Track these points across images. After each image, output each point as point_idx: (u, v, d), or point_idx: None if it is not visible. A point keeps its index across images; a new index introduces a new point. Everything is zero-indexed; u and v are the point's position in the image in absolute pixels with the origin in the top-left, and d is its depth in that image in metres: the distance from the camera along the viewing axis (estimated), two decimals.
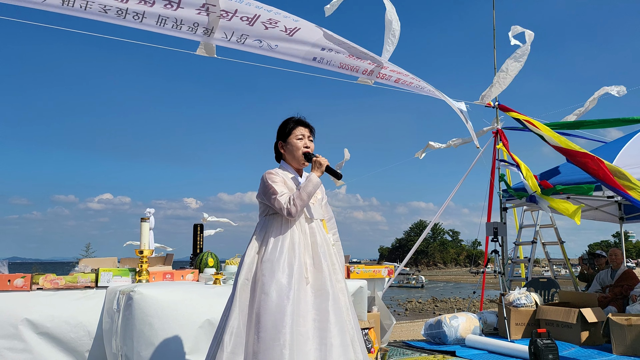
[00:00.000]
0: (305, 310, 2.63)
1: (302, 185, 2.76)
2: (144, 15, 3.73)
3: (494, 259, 6.96)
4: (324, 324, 2.62)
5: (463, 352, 5.46)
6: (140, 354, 3.51)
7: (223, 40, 4.12)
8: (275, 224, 2.79)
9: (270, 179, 2.80)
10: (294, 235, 2.76)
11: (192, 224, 5.72)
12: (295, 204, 2.70)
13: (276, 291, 2.58)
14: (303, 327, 2.59)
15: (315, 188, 2.76)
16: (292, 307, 2.57)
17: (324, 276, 2.72)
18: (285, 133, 2.93)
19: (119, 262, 4.82)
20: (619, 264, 7.25)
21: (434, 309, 25.84)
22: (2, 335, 3.62)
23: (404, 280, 50.46)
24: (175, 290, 3.79)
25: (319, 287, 2.70)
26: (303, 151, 2.89)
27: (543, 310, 6.10)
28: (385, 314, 5.57)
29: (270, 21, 3.99)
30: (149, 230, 5.58)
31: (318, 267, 2.74)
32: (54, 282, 3.91)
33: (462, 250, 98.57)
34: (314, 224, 2.85)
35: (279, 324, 2.52)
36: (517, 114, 7.33)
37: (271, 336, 2.50)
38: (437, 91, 5.20)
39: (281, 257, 2.67)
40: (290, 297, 2.58)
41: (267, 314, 2.55)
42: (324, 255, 2.77)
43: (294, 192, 2.75)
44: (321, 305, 2.66)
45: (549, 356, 4.63)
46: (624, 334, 5.19)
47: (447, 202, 8.58)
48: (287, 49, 4.33)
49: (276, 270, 2.63)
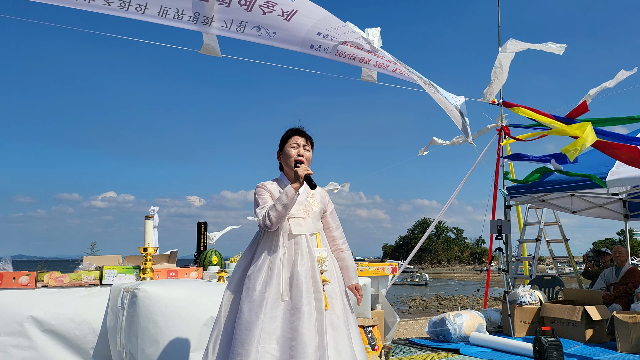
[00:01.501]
0: (275, 328, 2.62)
1: (278, 197, 2.73)
2: (147, 6, 3.73)
3: (498, 257, 6.94)
4: (294, 342, 2.58)
5: (467, 349, 5.45)
6: (145, 351, 3.52)
7: (223, 30, 4.13)
8: (264, 238, 2.84)
9: (257, 192, 2.88)
10: (277, 251, 2.76)
11: (196, 222, 5.73)
12: (269, 215, 2.70)
13: (248, 308, 2.65)
14: (269, 344, 2.58)
15: (290, 200, 2.70)
16: (262, 325, 2.59)
17: (299, 294, 2.66)
18: (282, 143, 2.98)
19: (123, 259, 4.84)
20: (623, 261, 7.23)
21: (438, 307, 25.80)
22: (8, 333, 3.64)
23: (407, 278, 50.42)
24: (180, 287, 3.80)
25: (294, 305, 2.65)
26: (295, 159, 2.87)
27: (547, 308, 6.09)
28: (389, 312, 5.57)
29: (267, 4, 3.98)
30: (153, 228, 5.59)
31: (296, 284, 2.68)
32: (59, 279, 3.92)
33: (466, 248, 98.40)
34: (301, 239, 2.79)
35: (246, 339, 2.57)
36: (522, 108, 7.28)
37: (237, 352, 2.57)
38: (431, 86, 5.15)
39: (259, 274, 2.72)
40: (259, 315, 2.60)
41: (238, 328, 2.64)
42: (305, 273, 2.71)
43: (269, 205, 2.76)
44: (293, 323, 2.62)
45: (553, 354, 4.62)
46: (628, 331, 5.17)
47: (451, 199, 8.57)
48: (285, 36, 4.33)
49: (252, 286, 2.70)
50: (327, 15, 4.18)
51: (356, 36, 4.45)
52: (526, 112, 7.08)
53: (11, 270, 3.89)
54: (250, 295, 2.68)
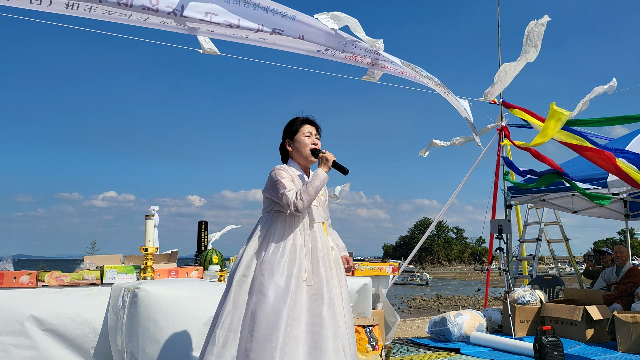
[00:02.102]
0: (300, 313, 2.64)
1: (310, 181, 2.76)
2: (148, 19, 3.76)
3: (499, 257, 6.94)
4: (317, 328, 2.63)
5: (467, 349, 5.45)
6: (145, 351, 3.52)
7: (227, 36, 4.14)
8: (278, 223, 2.79)
9: (279, 174, 2.80)
10: (296, 237, 2.76)
11: (196, 222, 5.73)
12: (302, 198, 2.70)
13: (274, 293, 2.60)
14: (296, 330, 2.60)
15: (322, 183, 2.77)
16: (288, 310, 2.58)
17: (321, 280, 2.72)
18: (293, 131, 2.94)
19: (124, 259, 4.84)
20: (624, 261, 7.23)
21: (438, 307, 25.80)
22: (8, 332, 3.64)
23: (408, 277, 50.43)
24: (180, 287, 3.80)
25: (315, 291, 2.70)
26: (311, 147, 2.90)
27: (548, 307, 6.09)
28: (389, 311, 5.57)
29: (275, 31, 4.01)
30: (154, 227, 5.59)
31: (316, 271, 2.74)
32: (60, 279, 3.92)
33: (467, 248, 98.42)
34: (316, 227, 2.86)
35: (273, 326, 2.54)
36: (520, 110, 7.29)
37: (265, 337, 2.53)
38: (442, 87, 5.18)
39: (282, 259, 2.68)
40: (287, 300, 2.59)
41: (262, 314, 2.57)
42: (322, 259, 2.78)
43: (301, 187, 2.75)
44: (316, 309, 2.67)
45: (553, 353, 4.62)
46: (629, 331, 5.17)
47: (451, 199, 8.56)
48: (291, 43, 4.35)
49: (275, 271, 2.65)
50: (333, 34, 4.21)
51: (365, 46, 4.48)
52: (522, 114, 7.09)
53: (12, 269, 3.90)
54: (277, 281, 2.63)
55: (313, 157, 2.92)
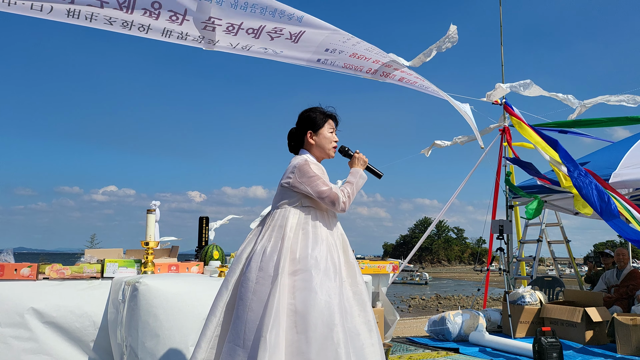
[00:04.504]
0: (351, 307, 2.59)
1: (354, 181, 2.77)
2: (149, 27, 3.74)
3: (499, 257, 6.94)
4: (367, 317, 2.60)
5: (466, 349, 5.45)
6: (145, 345, 3.52)
7: (229, 48, 4.14)
8: (310, 217, 2.66)
9: (314, 169, 2.69)
10: (330, 232, 2.70)
11: (197, 217, 5.74)
12: (350, 198, 2.70)
13: (323, 289, 2.46)
14: (351, 323, 2.53)
15: (363, 184, 2.81)
16: (340, 304, 2.49)
17: (356, 272, 2.70)
18: (318, 124, 2.83)
19: (124, 253, 4.85)
20: (625, 264, 7.23)
21: (438, 306, 25.81)
22: (9, 324, 3.65)
23: (407, 277, 50.44)
24: (181, 282, 3.81)
25: (353, 283, 2.67)
26: (334, 145, 2.87)
27: (548, 308, 6.09)
28: (389, 310, 5.57)
29: (275, 30, 3.99)
30: (155, 222, 5.60)
31: (350, 263, 2.71)
32: (60, 272, 3.93)
33: (467, 248, 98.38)
34: (338, 224, 2.83)
35: (330, 322, 2.39)
36: (514, 117, 7.30)
37: (323, 335, 2.36)
38: (441, 92, 5.18)
39: (324, 254, 2.57)
40: (337, 294, 2.49)
41: (315, 312, 2.39)
42: (350, 252, 2.77)
43: (347, 187, 2.73)
44: (361, 300, 2.64)
45: (553, 354, 4.62)
46: (628, 334, 5.17)
47: (452, 198, 8.55)
48: (292, 54, 4.35)
49: (321, 267, 2.51)
50: (333, 30, 4.19)
51: (364, 47, 4.47)
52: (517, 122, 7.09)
53: (13, 261, 3.90)
54: (322, 276, 2.48)
55: (342, 156, 2.91)
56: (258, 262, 2.55)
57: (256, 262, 2.56)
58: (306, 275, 2.47)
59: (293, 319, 2.40)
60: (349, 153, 2.92)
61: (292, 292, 2.45)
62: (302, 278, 2.47)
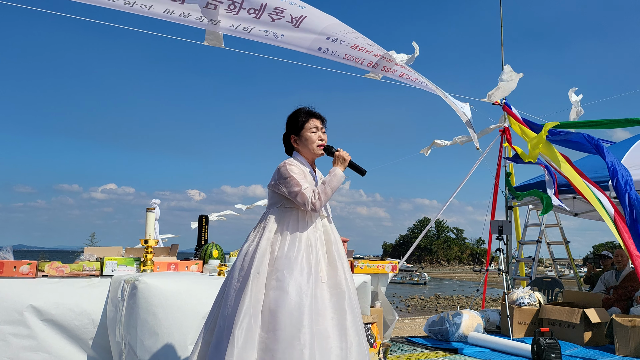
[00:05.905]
0: (324, 309, 2.59)
1: (328, 180, 2.73)
2: (152, 6, 3.75)
3: (499, 258, 6.94)
4: (342, 322, 2.59)
5: (465, 349, 5.45)
6: (144, 343, 3.52)
7: (230, 29, 4.13)
8: (291, 218, 2.72)
9: (290, 170, 2.72)
10: (310, 232, 2.71)
11: (197, 216, 5.74)
12: (320, 198, 2.67)
13: (295, 289, 2.50)
14: (322, 325, 2.54)
15: (339, 183, 2.75)
16: (311, 306, 2.51)
17: (339, 274, 2.69)
18: (298, 126, 2.86)
19: (124, 251, 4.85)
20: (624, 265, 7.23)
21: (437, 306, 25.84)
22: (7, 321, 3.64)
23: (406, 277, 50.48)
24: (180, 280, 3.81)
25: (334, 285, 2.66)
26: (318, 144, 2.85)
27: (546, 309, 6.09)
28: (388, 310, 5.57)
29: (276, 11, 3.98)
30: (154, 220, 5.60)
31: (333, 265, 2.70)
32: (60, 269, 3.93)
33: (466, 248, 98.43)
34: (325, 222, 2.82)
35: (298, 322, 2.45)
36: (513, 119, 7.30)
37: (291, 334, 2.42)
38: (439, 90, 5.17)
39: (299, 254, 2.60)
40: (308, 295, 2.52)
41: (285, 312, 2.46)
42: (337, 253, 2.75)
43: (319, 187, 2.72)
44: (338, 303, 2.63)
45: (551, 355, 4.62)
46: (627, 335, 5.17)
47: (451, 198, 8.55)
48: (292, 39, 4.33)
49: (294, 267, 2.55)
50: (336, 22, 4.18)
51: (366, 41, 4.46)
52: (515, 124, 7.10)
53: (12, 259, 3.90)
54: (296, 276, 2.53)
55: (326, 155, 2.88)
56: (241, 262, 2.68)
57: (240, 261, 2.69)
58: (279, 275, 2.55)
59: (267, 317, 2.49)
60: (332, 152, 2.89)
61: (268, 290, 2.54)
62: (277, 277, 2.55)
